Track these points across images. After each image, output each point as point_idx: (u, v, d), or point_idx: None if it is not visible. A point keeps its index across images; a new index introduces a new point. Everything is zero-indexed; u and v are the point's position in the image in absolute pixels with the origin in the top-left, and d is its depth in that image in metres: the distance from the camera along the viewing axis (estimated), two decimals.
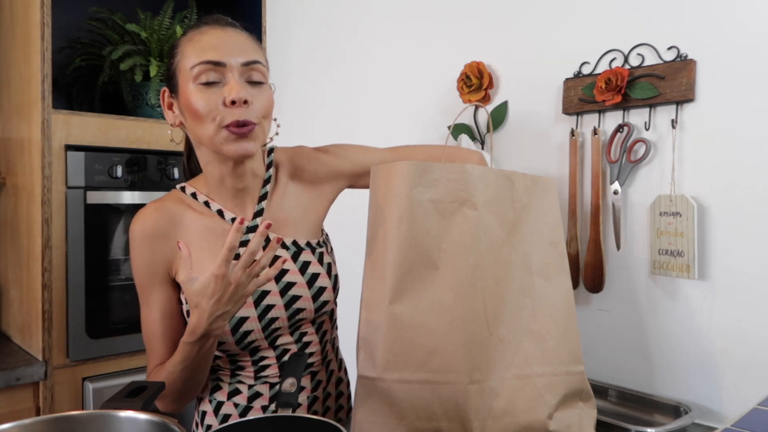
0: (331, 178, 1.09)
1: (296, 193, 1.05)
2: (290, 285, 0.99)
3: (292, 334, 1.01)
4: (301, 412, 1.05)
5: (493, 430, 0.88)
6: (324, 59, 2.03)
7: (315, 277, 1.01)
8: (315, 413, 1.07)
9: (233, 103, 0.86)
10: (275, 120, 1.00)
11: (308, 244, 1.03)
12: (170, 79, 0.94)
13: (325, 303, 1.02)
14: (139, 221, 0.97)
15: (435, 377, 0.88)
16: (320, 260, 1.03)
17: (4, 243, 1.84)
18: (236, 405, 1.02)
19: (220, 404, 1.03)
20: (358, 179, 1.11)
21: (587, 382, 0.98)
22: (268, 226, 0.82)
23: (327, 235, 1.13)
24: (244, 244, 0.98)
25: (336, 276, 1.06)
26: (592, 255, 1.34)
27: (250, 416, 1.01)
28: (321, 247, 1.05)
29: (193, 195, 1.00)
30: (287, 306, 0.99)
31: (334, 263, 1.08)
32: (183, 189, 1.02)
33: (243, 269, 0.83)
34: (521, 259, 0.96)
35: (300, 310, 1.00)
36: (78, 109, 1.95)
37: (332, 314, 1.09)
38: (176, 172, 1.79)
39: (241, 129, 0.87)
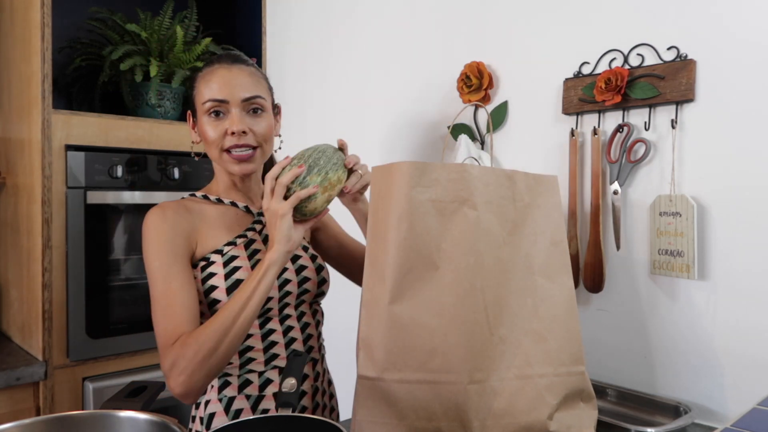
0: None
1: None
2: (302, 268, 1.14)
3: (296, 308, 1.12)
4: (306, 402, 1.10)
5: (494, 431, 0.88)
6: (324, 59, 2.03)
7: (314, 257, 1.18)
8: (317, 405, 1.13)
9: (233, 134, 1.06)
10: (279, 136, 1.20)
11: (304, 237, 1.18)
12: (191, 107, 1.14)
13: (324, 281, 1.17)
14: (155, 211, 1.06)
15: (435, 377, 0.88)
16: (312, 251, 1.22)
17: (4, 243, 1.84)
18: (248, 397, 1.05)
19: (231, 400, 1.05)
20: (319, 231, 1.29)
21: (589, 383, 0.98)
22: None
23: None
24: (256, 224, 1.11)
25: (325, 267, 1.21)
26: (592, 255, 1.34)
27: (263, 406, 1.05)
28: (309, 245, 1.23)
29: (204, 196, 1.14)
30: (300, 283, 1.12)
31: None
32: (193, 195, 1.16)
33: (277, 196, 0.98)
34: (523, 259, 0.96)
35: (306, 279, 1.13)
36: (78, 109, 1.95)
37: (319, 313, 1.19)
38: (176, 172, 1.79)
39: (241, 155, 1.08)
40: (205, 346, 0.93)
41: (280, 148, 1.20)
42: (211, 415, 1.05)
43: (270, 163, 1.24)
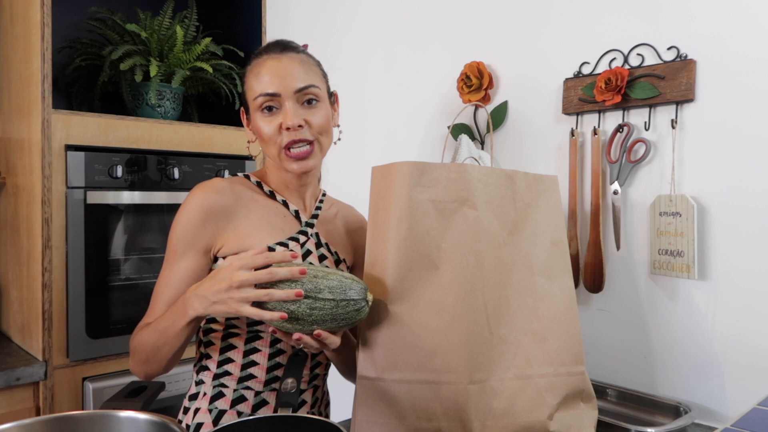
0: (352, 244, 1.17)
1: (339, 227, 1.15)
2: None
3: None
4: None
5: (494, 431, 0.88)
6: (324, 59, 2.03)
7: None
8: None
9: (288, 129, 0.99)
10: (338, 126, 1.12)
11: (344, 260, 1.11)
12: (244, 104, 1.08)
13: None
14: (203, 191, 1.01)
15: (435, 377, 0.88)
16: None
17: (4, 243, 1.84)
18: (239, 414, 0.99)
19: (221, 414, 1.00)
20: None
21: (589, 383, 0.98)
22: (300, 294, 0.84)
23: None
24: (302, 234, 1.05)
25: None
26: (592, 255, 1.34)
27: None
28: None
29: (258, 184, 1.08)
30: None
31: None
32: (247, 177, 1.10)
33: (250, 275, 0.84)
34: (523, 259, 0.96)
35: None
36: (78, 109, 1.95)
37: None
38: (176, 172, 1.78)
39: (299, 152, 1.01)
40: (141, 356, 0.97)
41: (339, 139, 1.13)
42: (199, 425, 1.01)
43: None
